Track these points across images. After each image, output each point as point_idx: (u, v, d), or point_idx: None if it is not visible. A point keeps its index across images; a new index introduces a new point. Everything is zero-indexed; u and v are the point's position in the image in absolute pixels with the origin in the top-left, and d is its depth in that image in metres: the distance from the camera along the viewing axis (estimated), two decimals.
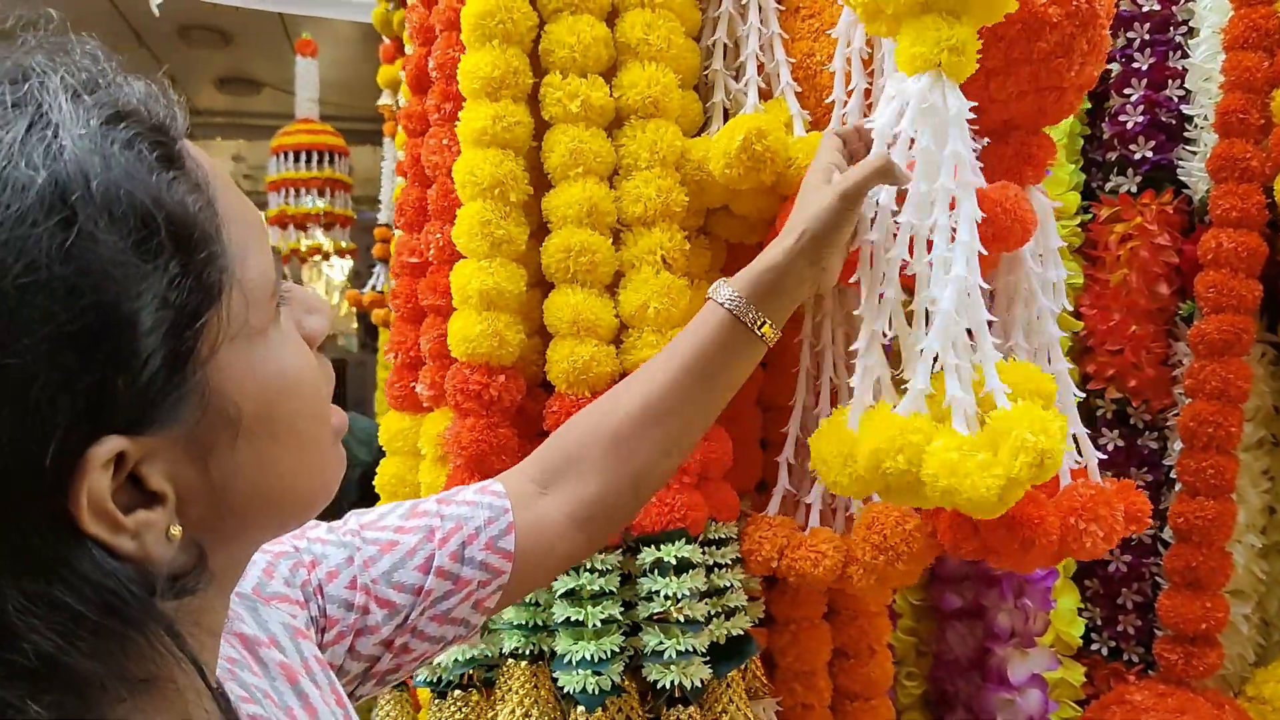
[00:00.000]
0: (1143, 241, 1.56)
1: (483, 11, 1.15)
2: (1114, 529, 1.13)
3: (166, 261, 0.48)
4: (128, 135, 0.49)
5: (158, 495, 0.51)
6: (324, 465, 0.62)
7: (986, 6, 0.98)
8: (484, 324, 1.13)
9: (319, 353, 0.63)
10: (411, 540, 0.83)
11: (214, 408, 0.52)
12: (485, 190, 1.14)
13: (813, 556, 1.23)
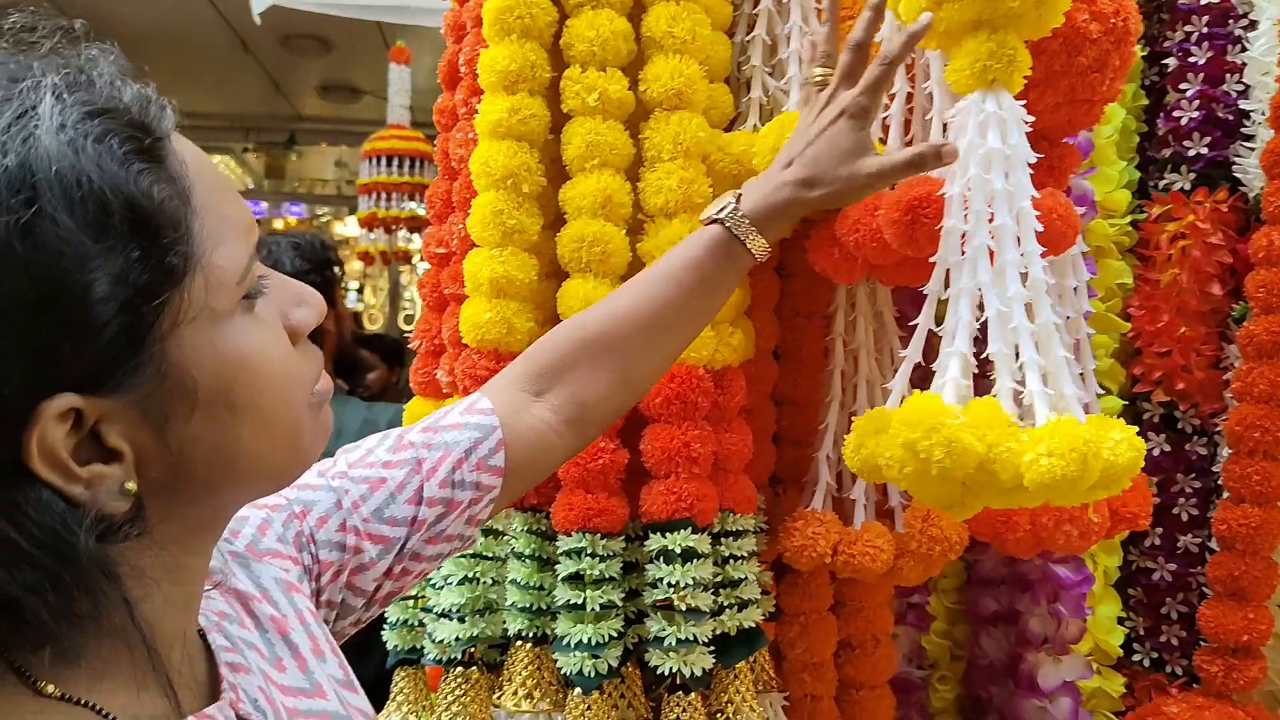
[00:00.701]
0: (1195, 240, 1.52)
1: (502, 7, 1.18)
2: (1091, 529, 1.12)
3: (124, 243, 0.54)
4: (101, 130, 0.55)
5: (116, 452, 0.56)
6: (292, 440, 0.66)
7: (1035, 22, 0.99)
8: (493, 311, 1.16)
9: (307, 341, 0.69)
10: (400, 474, 0.88)
11: (172, 379, 0.57)
12: (499, 181, 1.16)
13: (871, 552, 1.23)
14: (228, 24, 5.40)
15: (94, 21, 2.18)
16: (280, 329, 0.66)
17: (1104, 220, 1.56)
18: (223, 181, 0.63)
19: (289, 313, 0.67)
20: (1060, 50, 1.13)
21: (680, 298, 1.00)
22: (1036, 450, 0.83)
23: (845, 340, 1.29)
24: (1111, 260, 1.56)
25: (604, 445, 1.16)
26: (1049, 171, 1.21)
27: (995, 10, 0.99)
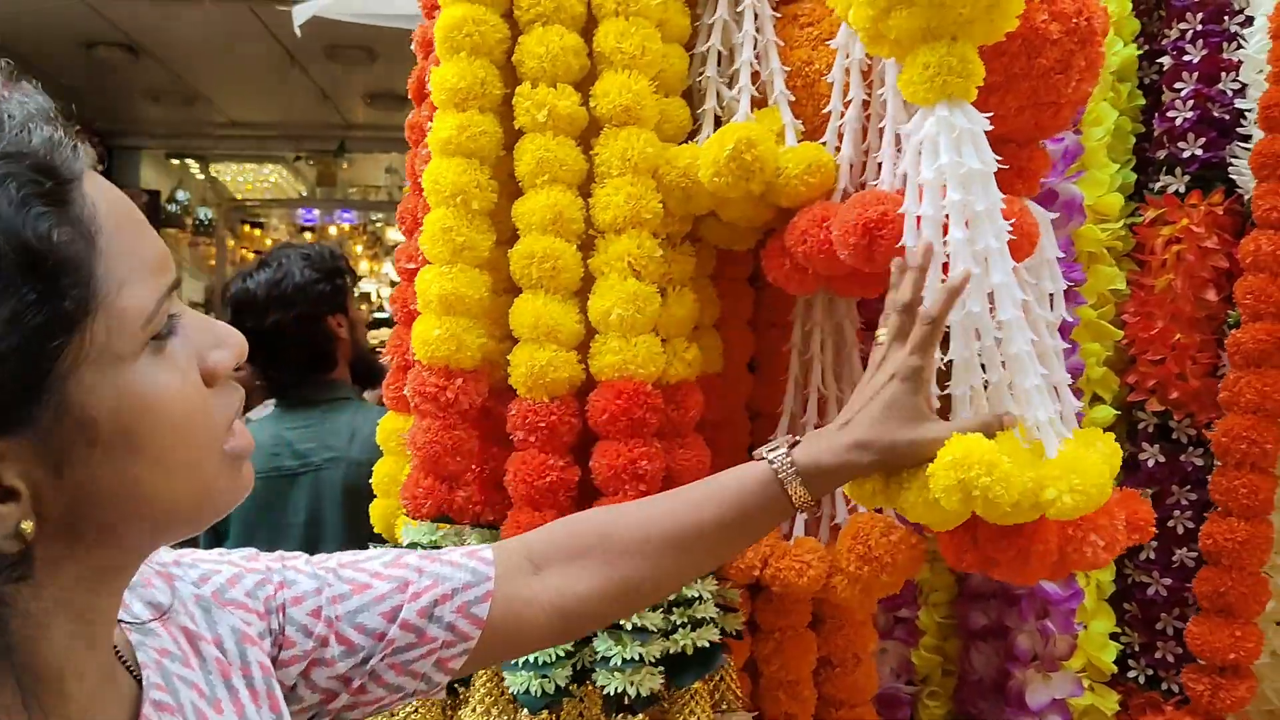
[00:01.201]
0: (1189, 245, 1.47)
1: (452, 24, 1.18)
2: (1115, 538, 1.08)
3: (18, 287, 0.54)
4: (7, 186, 0.55)
5: (12, 491, 0.57)
6: (198, 484, 0.66)
7: (987, 28, 0.97)
8: (443, 328, 1.16)
9: (227, 381, 0.68)
10: (384, 587, 0.86)
11: (71, 418, 0.57)
12: (448, 198, 1.17)
13: (797, 566, 1.22)
14: (274, 37, 5.50)
15: (151, 37, 2.26)
16: (193, 370, 0.65)
17: (1095, 225, 1.52)
18: (136, 221, 0.63)
19: (206, 354, 0.66)
20: (1020, 52, 1.10)
21: (712, 525, 0.96)
22: (1059, 487, 0.89)
23: (800, 351, 1.27)
24: (1103, 266, 1.52)
25: (553, 463, 1.16)
26: (1017, 176, 1.19)
27: (944, 18, 0.97)
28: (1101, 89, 1.54)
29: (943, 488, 0.90)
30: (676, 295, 1.26)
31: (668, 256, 1.23)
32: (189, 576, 0.79)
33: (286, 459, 2.21)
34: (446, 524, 1.23)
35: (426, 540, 1.22)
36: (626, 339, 1.18)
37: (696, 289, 1.30)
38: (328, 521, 2.19)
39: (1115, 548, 1.07)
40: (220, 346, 0.67)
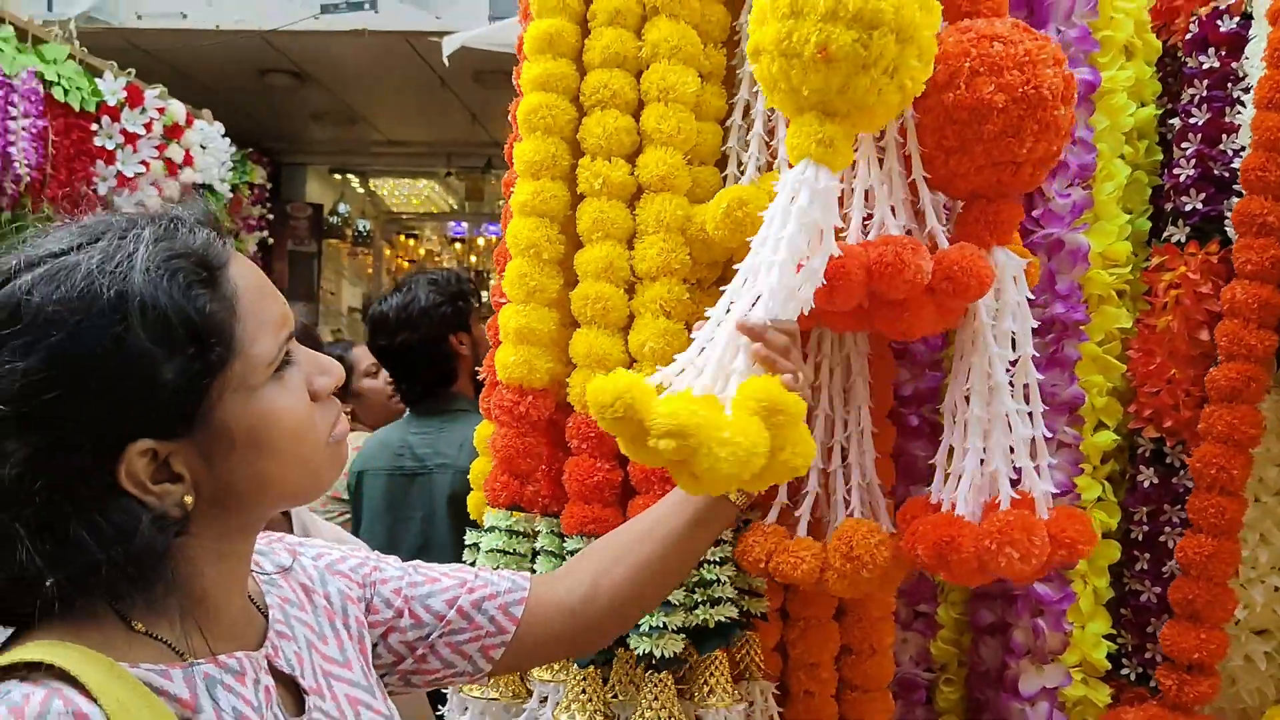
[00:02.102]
0: (1186, 290, 1.64)
1: (530, 108, 1.47)
2: (1031, 552, 1.28)
3: (184, 348, 0.82)
4: (173, 269, 0.84)
5: (179, 476, 0.86)
6: (308, 471, 0.94)
7: (867, 117, 1.19)
8: (517, 355, 1.45)
9: (329, 397, 0.97)
10: (448, 582, 1.18)
11: (218, 429, 0.86)
12: (524, 250, 1.45)
13: (793, 561, 1.44)
14: (427, 64, 5.93)
15: (316, 65, 2.76)
16: (303, 391, 0.93)
17: (1104, 270, 1.70)
18: (265, 289, 0.92)
19: (313, 379, 0.95)
20: (969, 120, 1.29)
21: (677, 526, 1.24)
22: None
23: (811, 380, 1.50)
24: (1110, 307, 1.70)
25: (600, 466, 1.43)
26: (986, 228, 1.37)
27: (825, 101, 1.18)
28: (1114, 147, 1.72)
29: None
30: None
31: (696, 298, 1.49)
32: (309, 553, 1.11)
33: (408, 460, 2.55)
34: (519, 512, 1.52)
35: (504, 525, 1.51)
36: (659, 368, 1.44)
37: None
38: (439, 520, 2.52)
39: (1032, 560, 1.26)
40: (323, 374, 0.96)
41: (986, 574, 1.32)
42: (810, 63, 1.13)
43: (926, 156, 1.36)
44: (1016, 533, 1.28)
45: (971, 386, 1.38)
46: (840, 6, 1.11)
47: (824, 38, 1.12)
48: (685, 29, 1.46)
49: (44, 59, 3.92)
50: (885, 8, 1.12)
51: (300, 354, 0.94)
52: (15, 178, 3.63)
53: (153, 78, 4.65)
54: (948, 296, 1.32)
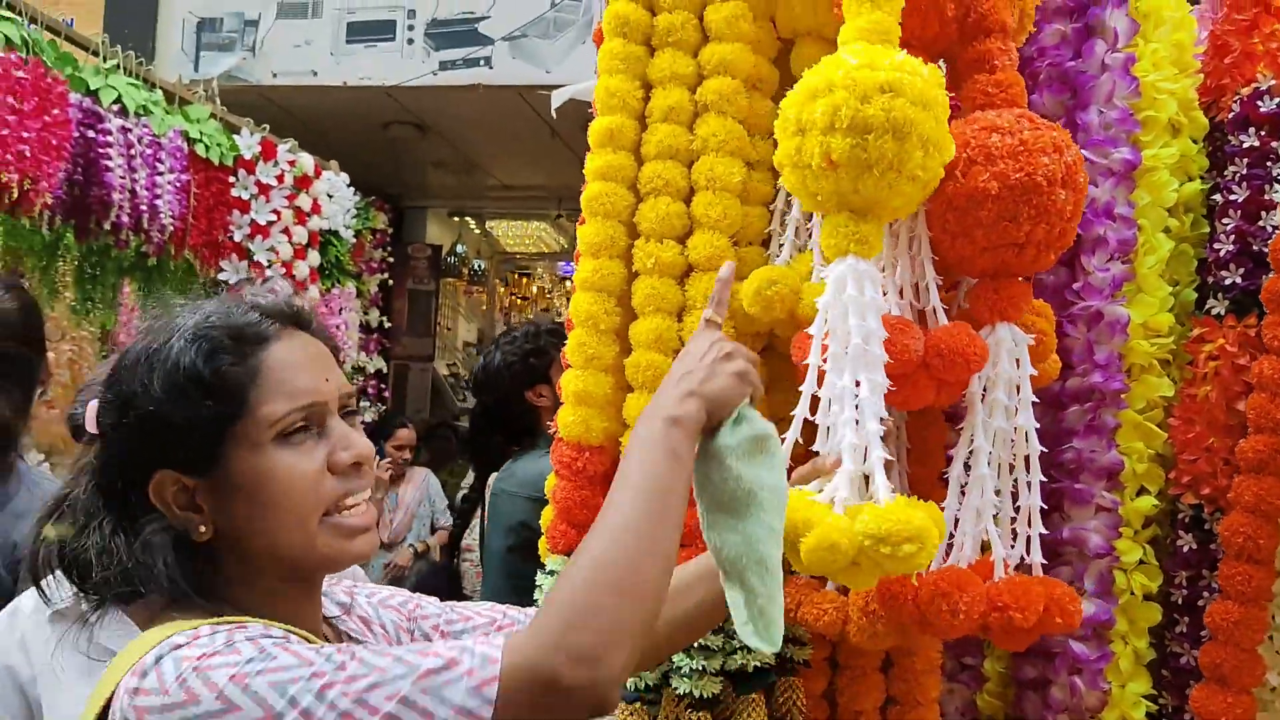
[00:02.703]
0: (1225, 361, 1.69)
1: (592, 195, 1.63)
2: (958, 608, 1.33)
3: (196, 399, 1.00)
4: (203, 339, 1.02)
5: (200, 507, 1.02)
6: (303, 537, 1.03)
7: (888, 209, 1.30)
8: (576, 415, 1.60)
9: (355, 472, 1.06)
10: (480, 620, 1.28)
11: (226, 476, 1.01)
12: (583, 321, 1.61)
13: (816, 612, 1.54)
14: (538, 115, 6.18)
15: (435, 117, 3.10)
16: (318, 460, 1.03)
17: (1145, 340, 1.76)
18: (301, 367, 1.05)
19: (336, 452, 1.05)
20: (966, 206, 1.38)
21: (701, 585, 1.30)
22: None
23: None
24: (1152, 376, 1.76)
25: None
26: (989, 305, 1.45)
27: (845, 200, 1.28)
28: (1157, 222, 1.79)
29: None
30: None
31: None
32: (363, 592, 1.27)
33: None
34: None
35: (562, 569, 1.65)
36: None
37: (767, 392, 1.66)
38: (490, 539, 2.72)
39: (960, 614, 1.32)
40: (347, 449, 1.05)
41: (926, 625, 1.38)
42: (819, 171, 1.25)
43: (934, 239, 1.46)
44: (947, 586, 1.35)
45: (957, 451, 1.46)
46: (836, 118, 1.23)
47: (826, 148, 1.24)
48: (732, 124, 1.61)
49: (189, 118, 4.28)
50: (876, 113, 1.23)
51: (335, 429, 1.06)
52: (161, 227, 3.95)
53: (286, 130, 5.00)
54: (941, 372, 1.41)
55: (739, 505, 1.11)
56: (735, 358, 1.18)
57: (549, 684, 0.90)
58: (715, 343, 1.19)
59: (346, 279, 5.33)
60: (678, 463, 1.08)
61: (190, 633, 0.94)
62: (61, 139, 3.37)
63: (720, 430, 1.13)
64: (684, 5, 1.66)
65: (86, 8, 5.81)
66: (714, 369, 1.15)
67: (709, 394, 1.13)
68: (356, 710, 0.87)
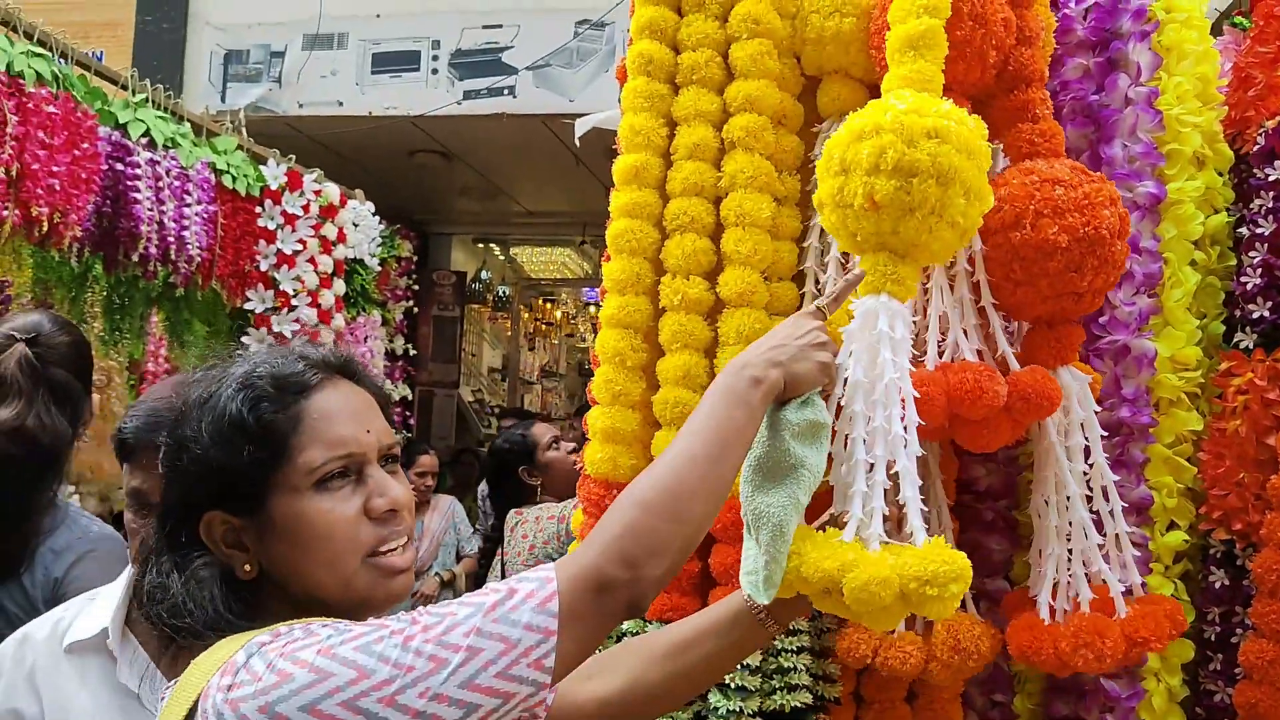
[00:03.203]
0: (1254, 395, 1.68)
1: (617, 232, 1.64)
2: (1104, 653, 1.42)
3: (239, 445, 1.04)
4: (248, 388, 1.07)
5: (245, 546, 1.06)
6: (339, 578, 1.06)
7: (925, 253, 1.30)
8: (604, 452, 1.61)
9: (391, 518, 1.09)
10: None
11: (268, 518, 1.05)
12: (610, 358, 1.62)
13: (901, 656, 1.54)
14: (562, 143, 6.23)
15: (461, 145, 3.21)
16: (355, 506, 1.06)
17: (1173, 374, 1.76)
18: (340, 416, 1.09)
19: (373, 498, 1.08)
20: (1034, 257, 1.42)
21: (710, 643, 1.29)
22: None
23: None
24: (1180, 410, 1.75)
25: None
26: (1051, 350, 1.48)
27: (883, 241, 1.29)
28: (1183, 255, 1.78)
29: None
30: None
31: None
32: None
33: None
34: None
35: None
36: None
37: None
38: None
39: (1106, 659, 1.41)
40: (382, 496, 1.08)
41: (1069, 669, 1.42)
42: (860, 212, 1.26)
43: (995, 285, 1.48)
44: (1089, 636, 1.39)
45: (1047, 496, 1.48)
46: (881, 160, 1.24)
47: (869, 189, 1.25)
48: (760, 160, 1.62)
49: (216, 150, 4.33)
50: (922, 157, 1.24)
51: (374, 477, 1.09)
52: (188, 258, 3.99)
53: (312, 159, 5.06)
54: (1022, 415, 1.43)
55: (781, 474, 1.21)
56: (826, 349, 1.25)
57: (600, 584, 1.00)
58: (813, 329, 1.26)
59: (372, 307, 5.36)
60: (750, 417, 1.17)
61: (271, 632, 0.98)
62: (91, 172, 3.42)
63: (788, 405, 1.22)
64: (708, 43, 1.67)
65: (116, 41, 5.91)
66: (805, 352, 1.23)
67: (794, 371, 1.21)
68: (440, 651, 0.93)
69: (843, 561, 1.17)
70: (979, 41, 1.46)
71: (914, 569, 1.15)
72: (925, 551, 1.17)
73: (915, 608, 1.18)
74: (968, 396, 1.38)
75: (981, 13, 1.44)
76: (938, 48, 1.33)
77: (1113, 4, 1.80)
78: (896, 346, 1.26)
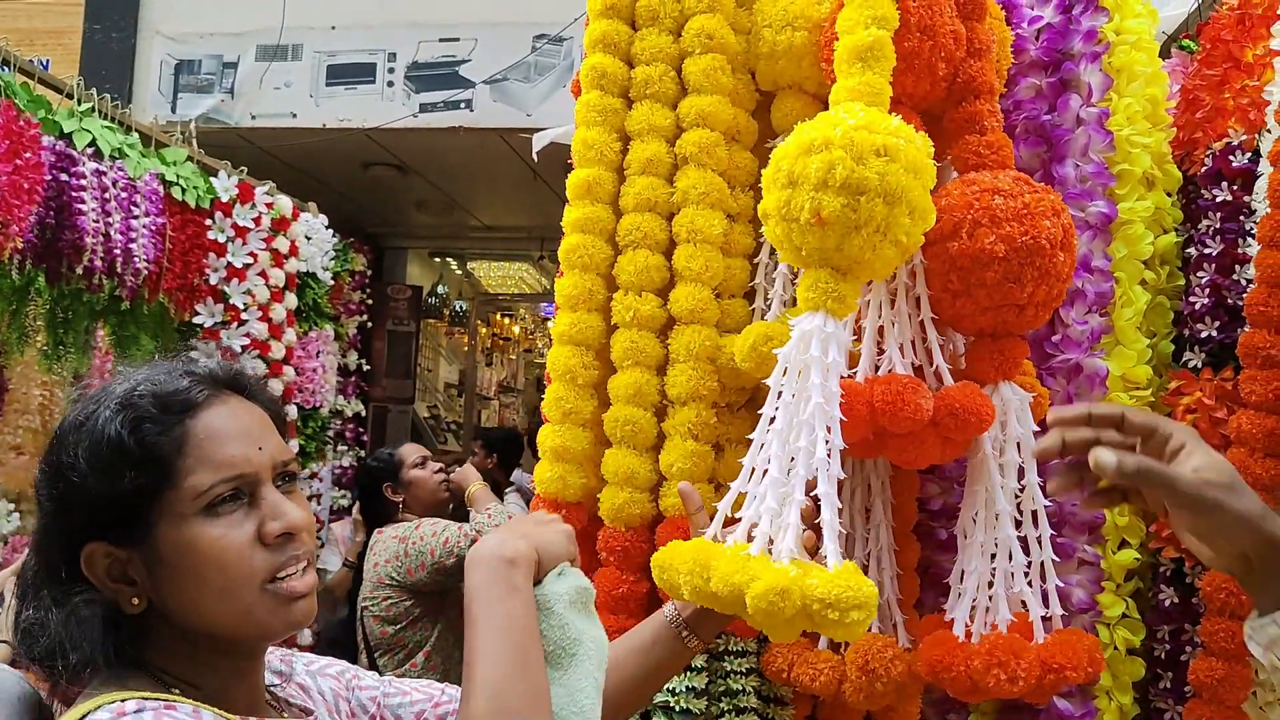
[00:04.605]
0: (1202, 414, 1.69)
1: (569, 248, 1.62)
2: (1017, 674, 1.37)
3: (120, 470, 0.95)
4: (128, 409, 0.97)
5: (132, 579, 0.97)
6: (238, 608, 0.98)
7: (867, 270, 1.29)
8: (553, 471, 1.58)
9: (286, 542, 1.01)
10: (418, 696, 1.23)
11: (154, 548, 0.96)
12: (561, 375, 1.60)
13: (811, 672, 1.53)
14: (520, 157, 6.20)
15: (417, 158, 3.20)
16: (248, 530, 0.99)
17: (1125, 393, 1.76)
18: (228, 436, 1.00)
19: (266, 522, 1.00)
20: (971, 267, 1.41)
21: (634, 661, 1.29)
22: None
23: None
24: None
25: (625, 578, 1.55)
26: (992, 364, 1.47)
27: (825, 258, 1.27)
28: (1133, 275, 1.79)
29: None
30: (732, 450, 1.62)
31: (726, 420, 1.60)
32: (300, 660, 1.21)
33: None
34: None
35: None
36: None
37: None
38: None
39: (1019, 682, 1.37)
40: (276, 519, 1.01)
41: (980, 693, 1.40)
42: (806, 226, 1.25)
43: (934, 298, 1.47)
44: (1004, 655, 1.36)
45: (976, 512, 1.47)
46: (830, 176, 1.23)
47: (816, 205, 1.23)
48: (712, 176, 1.60)
49: (165, 161, 4.25)
50: (870, 175, 1.23)
51: (267, 499, 1.01)
52: (135, 271, 3.91)
53: (265, 171, 4.98)
54: (951, 431, 1.42)
55: (564, 655, 1.10)
56: (557, 522, 1.20)
57: None
58: (535, 514, 1.25)
59: (324, 321, 5.29)
60: (521, 596, 1.09)
61: (116, 706, 0.91)
62: (34, 182, 3.34)
63: (546, 579, 1.13)
64: (661, 58, 1.66)
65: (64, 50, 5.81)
66: (539, 529, 1.17)
67: (539, 541, 1.14)
68: None
69: (747, 573, 1.15)
70: (927, 53, 1.45)
71: (818, 590, 1.11)
72: (834, 575, 1.14)
73: (818, 628, 1.16)
74: (889, 409, 1.36)
75: (930, 25, 1.44)
76: (886, 60, 1.32)
77: (1064, 26, 1.81)
78: (828, 371, 1.24)
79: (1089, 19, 1.80)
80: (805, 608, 1.13)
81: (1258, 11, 1.85)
